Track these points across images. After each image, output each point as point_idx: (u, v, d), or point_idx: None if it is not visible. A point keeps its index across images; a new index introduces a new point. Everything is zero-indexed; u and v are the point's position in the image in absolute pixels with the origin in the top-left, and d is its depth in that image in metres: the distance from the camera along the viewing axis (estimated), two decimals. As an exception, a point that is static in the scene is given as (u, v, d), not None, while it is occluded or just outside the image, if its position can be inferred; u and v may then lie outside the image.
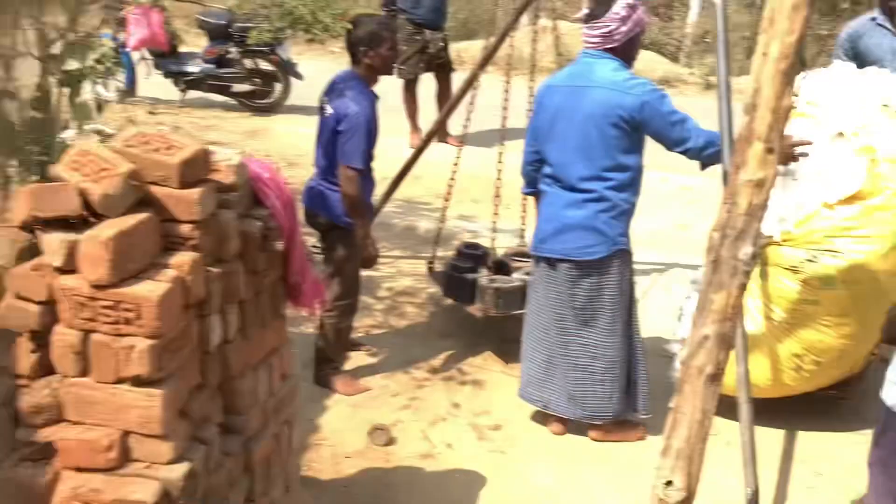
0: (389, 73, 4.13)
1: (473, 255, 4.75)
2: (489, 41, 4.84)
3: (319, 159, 4.07)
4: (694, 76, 11.10)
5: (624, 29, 3.38)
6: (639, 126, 3.37)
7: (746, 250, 2.49)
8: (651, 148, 3.65)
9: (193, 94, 9.06)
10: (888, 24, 4.57)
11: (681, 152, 3.46)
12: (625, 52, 3.47)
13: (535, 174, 3.74)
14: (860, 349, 3.82)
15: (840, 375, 3.90)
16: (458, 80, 6.30)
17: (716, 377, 2.60)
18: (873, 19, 4.71)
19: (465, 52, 11.29)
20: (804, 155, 3.48)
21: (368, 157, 3.96)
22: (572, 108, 3.44)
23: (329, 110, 3.93)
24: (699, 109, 4.74)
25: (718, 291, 2.52)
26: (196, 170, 2.37)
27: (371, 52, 3.91)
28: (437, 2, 7.49)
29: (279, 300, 2.81)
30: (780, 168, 3.54)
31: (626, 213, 3.56)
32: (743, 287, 2.54)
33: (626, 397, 3.82)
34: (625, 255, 3.63)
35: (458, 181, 5.13)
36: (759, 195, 2.44)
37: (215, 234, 2.41)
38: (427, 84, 7.91)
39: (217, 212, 2.43)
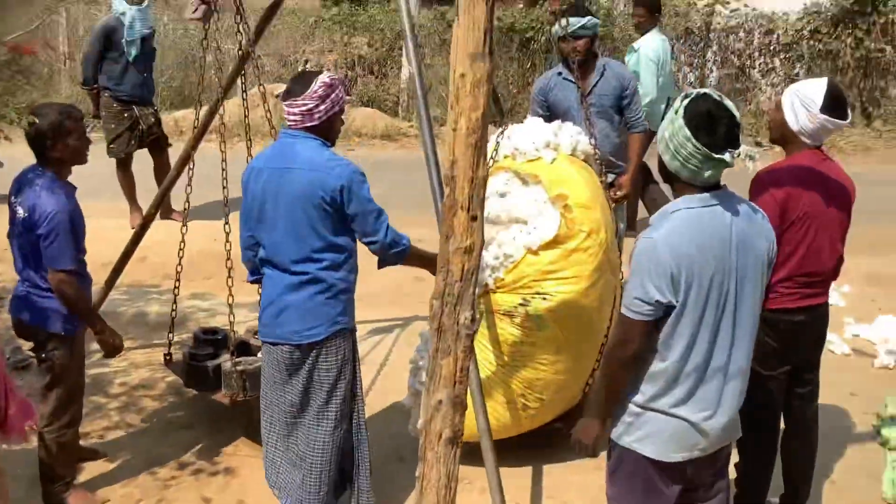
0: (83, 161, 3.81)
1: (211, 340, 4.55)
2: (200, 111, 4.66)
3: (19, 265, 3.72)
4: (413, 128, 11.55)
5: (323, 107, 3.32)
6: (340, 207, 3.33)
7: (466, 314, 2.60)
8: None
9: None
10: (571, 77, 5.02)
11: (368, 243, 3.41)
12: (325, 130, 3.41)
13: (256, 259, 3.60)
14: (577, 382, 4.13)
15: (564, 408, 4.17)
16: (176, 152, 6.08)
17: (454, 440, 2.68)
18: (559, 73, 5.16)
19: (182, 120, 10.97)
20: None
21: (78, 255, 3.68)
22: (277, 191, 3.35)
23: (21, 213, 3.60)
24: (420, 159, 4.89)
25: (446, 357, 2.61)
26: None
27: (58, 144, 3.62)
28: (142, 77, 7.20)
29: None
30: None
31: (344, 292, 3.46)
32: (468, 350, 2.64)
33: (342, 491, 3.67)
34: (345, 334, 3.50)
35: (187, 258, 4.90)
36: (470, 261, 2.56)
37: None
38: (144, 160, 7.57)
39: None
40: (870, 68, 12.03)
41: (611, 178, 5.02)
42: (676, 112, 2.53)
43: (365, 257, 3.47)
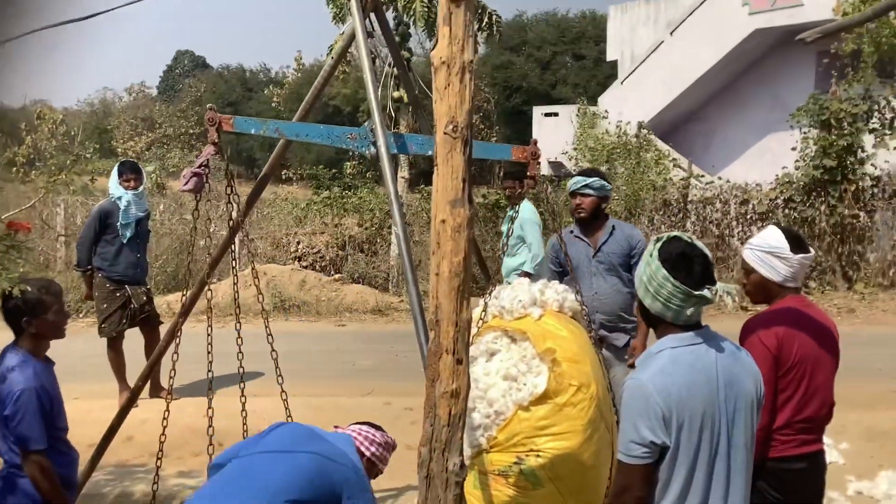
0: (61, 336, 3.75)
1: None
2: (185, 291, 4.74)
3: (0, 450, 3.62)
4: (403, 303, 11.68)
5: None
6: None
7: (455, 461, 2.55)
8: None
9: None
10: (582, 236, 5.23)
11: None
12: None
13: None
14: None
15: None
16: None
17: None
18: (571, 231, 5.35)
19: (175, 303, 11.07)
20: None
21: (51, 430, 3.56)
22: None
23: None
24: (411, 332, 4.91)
25: (435, 507, 2.53)
26: None
27: (35, 320, 3.59)
28: (135, 257, 7.35)
29: None
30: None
31: None
32: (459, 498, 2.57)
33: None
34: None
35: (175, 436, 4.82)
36: (457, 405, 2.54)
37: None
38: (135, 340, 7.59)
39: None
40: (846, 234, 12.40)
41: (623, 339, 5.11)
42: (651, 255, 2.60)
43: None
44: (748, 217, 12.85)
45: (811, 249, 3.43)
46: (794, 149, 12.87)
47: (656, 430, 2.47)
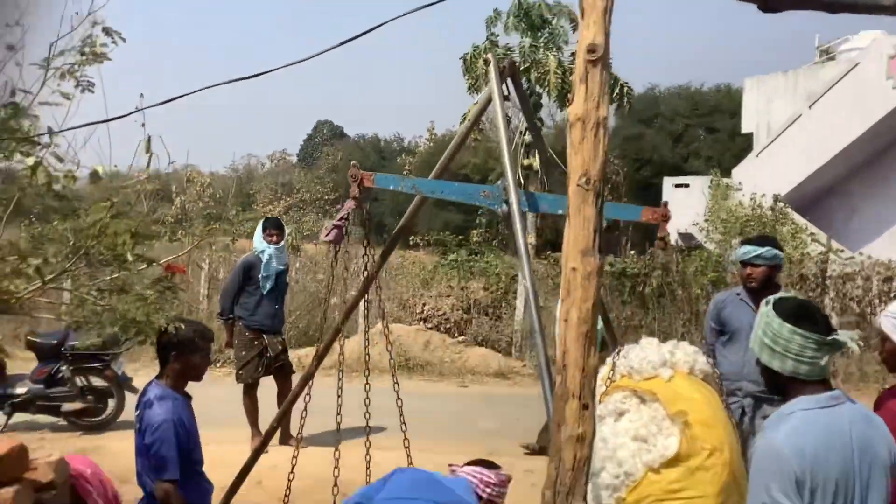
0: (199, 379, 3.98)
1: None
2: (319, 346, 4.98)
3: (141, 478, 3.85)
4: (526, 367, 11.68)
5: None
6: None
7: (578, 505, 2.56)
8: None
9: (20, 416, 8.61)
10: (748, 300, 5.13)
11: None
12: None
13: None
14: None
15: None
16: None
17: None
18: (738, 294, 5.28)
19: (305, 357, 11.49)
20: None
21: (186, 463, 3.76)
22: None
23: (138, 425, 3.79)
24: (533, 396, 4.94)
25: (558, 552, 2.55)
26: (10, 468, 2.26)
27: (182, 357, 3.85)
28: (273, 308, 7.74)
29: None
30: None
31: None
32: (581, 544, 2.58)
33: None
34: None
35: (301, 483, 4.98)
36: (582, 449, 2.57)
37: (28, 537, 2.25)
38: (269, 388, 7.92)
39: (32, 512, 2.29)
40: None
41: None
42: (768, 315, 2.58)
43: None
44: (892, 295, 12.23)
45: None
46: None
47: (789, 493, 2.40)
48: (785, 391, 2.64)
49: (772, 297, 2.64)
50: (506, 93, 4.45)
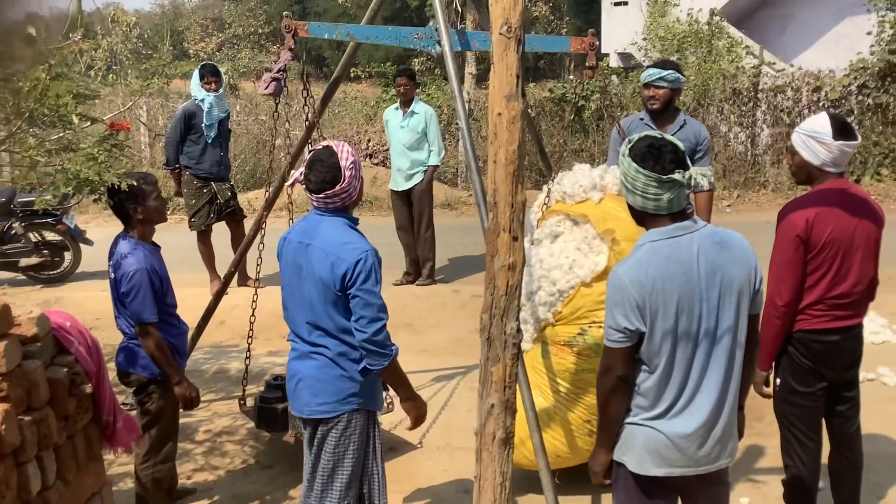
0: (163, 219, 4.22)
1: (281, 386, 4.92)
2: (268, 186, 5.16)
3: (117, 321, 4.15)
4: (471, 197, 12.00)
5: (350, 190, 3.35)
6: (346, 291, 3.27)
7: (512, 325, 2.91)
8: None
9: (-25, 274, 8.79)
10: (652, 124, 5.34)
11: (356, 330, 3.28)
12: (351, 206, 3.45)
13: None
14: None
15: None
16: (249, 225, 6.59)
17: (507, 440, 2.97)
18: (641, 119, 5.48)
19: (255, 200, 11.69)
20: None
21: (163, 306, 4.07)
22: (300, 265, 3.38)
23: (112, 275, 4.05)
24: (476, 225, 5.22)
25: (496, 364, 2.92)
26: (-3, 326, 2.49)
27: (140, 207, 4.05)
28: (219, 155, 7.84)
29: (94, 442, 2.90)
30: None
31: (362, 373, 3.39)
32: (516, 357, 2.95)
33: None
34: (358, 415, 3.44)
35: (263, 320, 5.31)
36: (514, 277, 2.88)
37: (23, 384, 2.52)
38: (222, 233, 8.16)
39: (22, 363, 2.55)
40: (922, 120, 12.13)
41: None
42: (624, 154, 2.80)
43: (420, 313, 3.54)
44: (820, 105, 12.60)
45: (857, 137, 3.56)
46: (869, 33, 12.48)
47: (630, 317, 2.69)
48: (643, 223, 2.89)
49: (634, 136, 2.81)
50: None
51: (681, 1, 16.89)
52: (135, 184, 3.99)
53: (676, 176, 2.70)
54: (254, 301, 5.17)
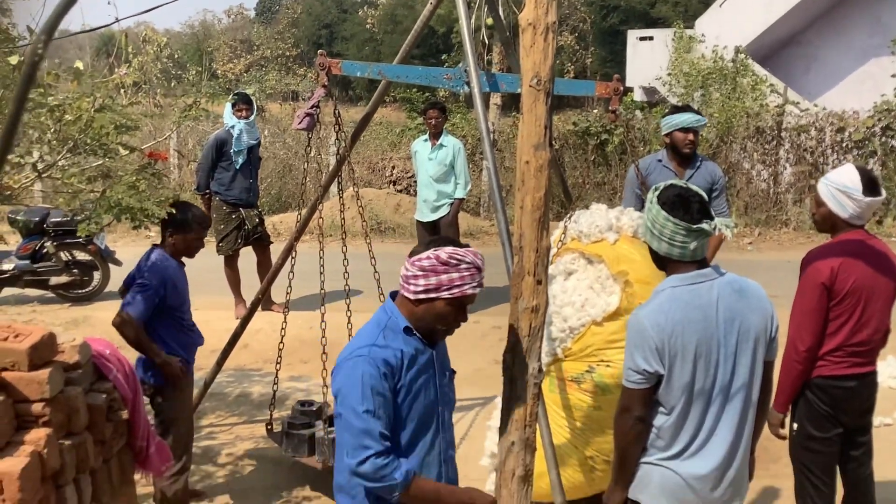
0: (191, 255, 4.42)
1: (308, 412, 5.04)
2: (300, 213, 5.29)
3: None
4: (493, 227, 12.12)
5: (422, 283, 2.74)
6: None
7: (534, 366, 3.00)
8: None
9: (7, 291, 8.96)
10: (670, 165, 5.48)
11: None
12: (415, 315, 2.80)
13: None
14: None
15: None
16: (276, 250, 6.73)
17: (525, 477, 3.04)
18: (659, 160, 5.60)
19: (280, 224, 11.86)
20: None
21: (173, 316, 4.25)
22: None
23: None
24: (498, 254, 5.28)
25: (517, 404, 3.00)
26: (43, 353, 2.62)
27: (177, 235, 4.29)
28: (248, 182, 8.02)
29: (127, 466, 3.01)
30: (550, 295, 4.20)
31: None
32: (537, 397, 3.03)
33: None
34: None
35: (286, 344, 5.42)
36: (537, 319, 2.97)
37: (64, 410, 2.64)
38: (248, 258, 8.30)
39: (64, 389, 2.67)
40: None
41: None
42: (651, 202, 2.91)
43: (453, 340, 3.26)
44: (843, 145, 12.65)
45: (882, 193, 3.64)
46: (894, 76, 12.51)
47: (650, 359, 2.79)
48: (665, 268, 2.99)
49: (661, 184, 2.93)
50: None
51: (706, 37, 17.03)
52: (193, 212, 4.27)
53: (705, 226, 2.82)
54: (283, 329, 5.27)
